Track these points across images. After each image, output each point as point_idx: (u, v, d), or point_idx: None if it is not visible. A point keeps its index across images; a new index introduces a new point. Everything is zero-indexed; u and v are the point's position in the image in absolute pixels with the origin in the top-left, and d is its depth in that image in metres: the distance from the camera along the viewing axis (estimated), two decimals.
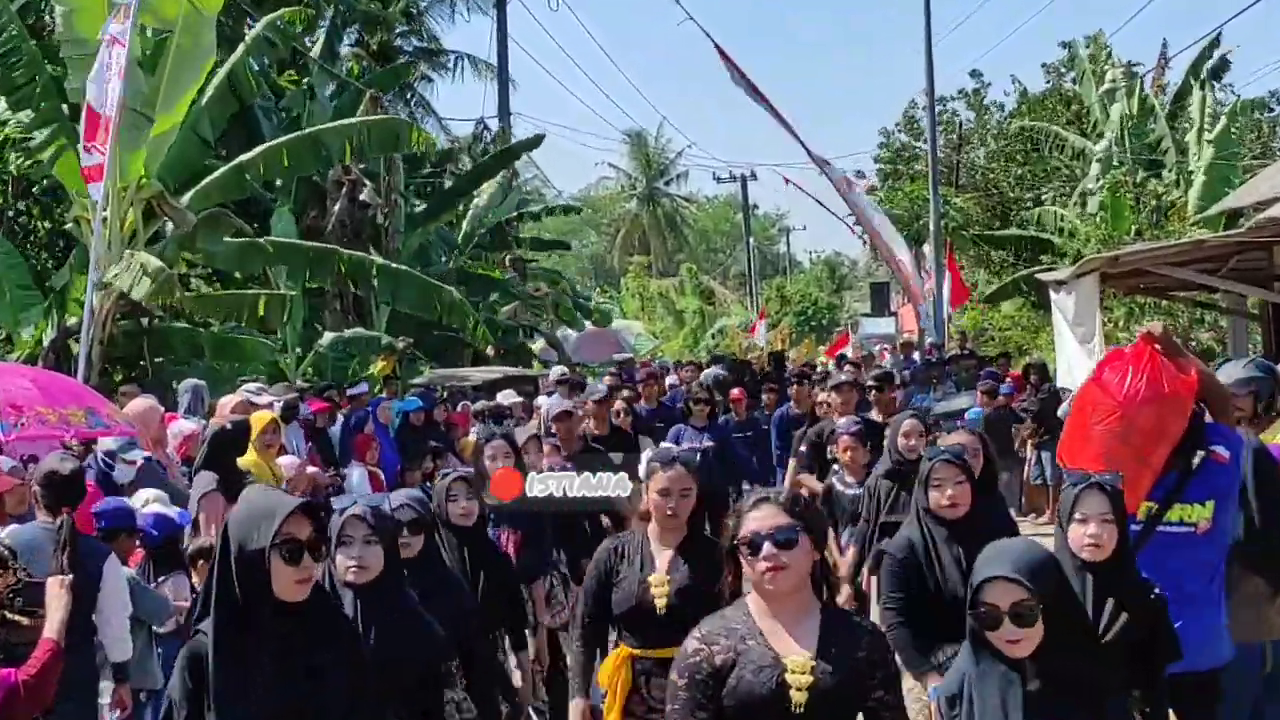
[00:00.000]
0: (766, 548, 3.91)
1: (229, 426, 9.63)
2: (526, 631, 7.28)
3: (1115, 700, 4.22)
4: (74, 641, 5.58)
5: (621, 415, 12.34)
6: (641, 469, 6.20)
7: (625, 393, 14.54)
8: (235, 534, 4.04)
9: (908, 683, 6.21)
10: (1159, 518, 6.14)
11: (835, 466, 10.03)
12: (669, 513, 5.68)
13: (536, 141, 29.58)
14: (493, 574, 6.87)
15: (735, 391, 15.52)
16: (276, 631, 4.00)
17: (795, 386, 14.61)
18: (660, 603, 5.56)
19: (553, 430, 11.68)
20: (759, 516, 3.98)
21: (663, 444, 6.42)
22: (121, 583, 6.74)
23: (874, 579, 8.68)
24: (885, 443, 8.89)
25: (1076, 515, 5.34)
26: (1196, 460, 6.35)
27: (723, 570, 4.12)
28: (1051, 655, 3.99)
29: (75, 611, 5.50)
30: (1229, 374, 7.80)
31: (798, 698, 3.83)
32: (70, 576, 5.39)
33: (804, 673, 3.86)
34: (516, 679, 7.07)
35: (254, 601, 3.99)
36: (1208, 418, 6.54)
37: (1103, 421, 6.38)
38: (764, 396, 15.63)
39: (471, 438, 15.54)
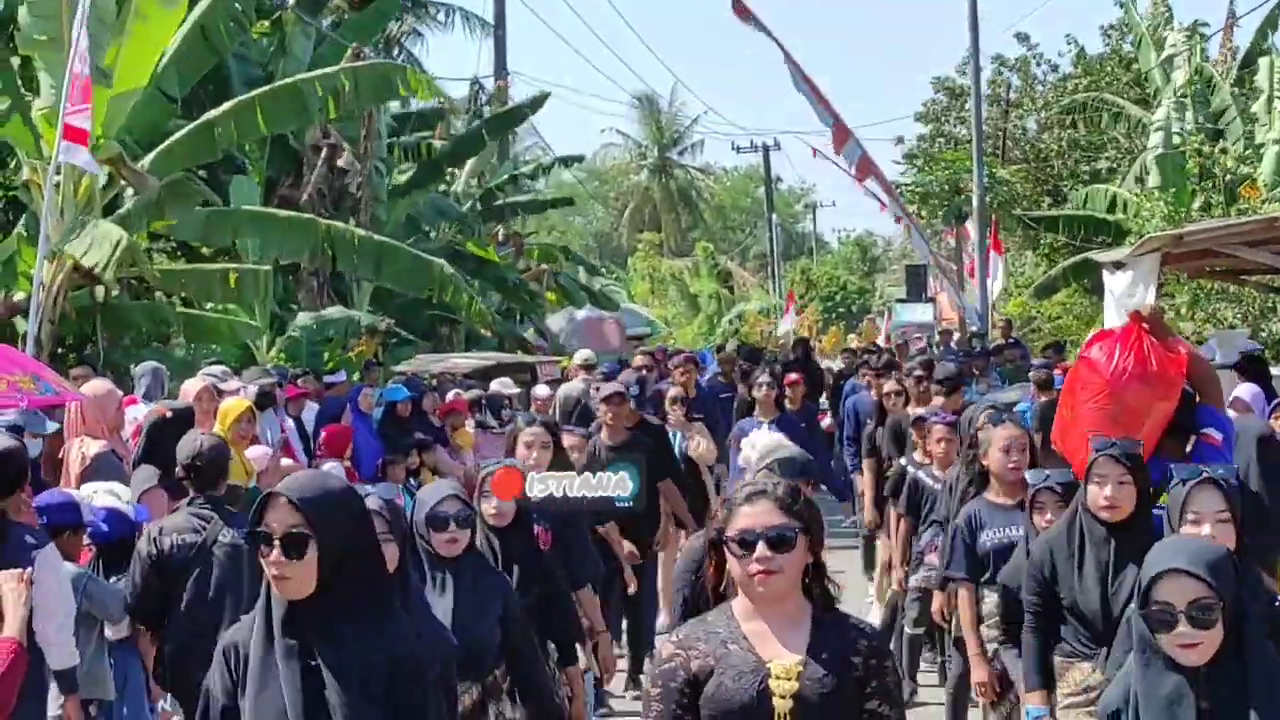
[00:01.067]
0: (760, 548, 3.86)
1: (169, 414, 9.55)
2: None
3: None
4: None
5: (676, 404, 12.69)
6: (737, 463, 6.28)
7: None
8: None
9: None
10: (1153, 502, 6.25)
11: (915, 458, 10.23)
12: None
13: (540, 101, 29.42)
14: (535, 579, 6.82)
15: (791, 375, 15.44)
16: (284, 628, 3.96)
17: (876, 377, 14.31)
18: None
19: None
20: (753, 512, 3.91)
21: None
22: (61, 580, 6.63)
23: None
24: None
25: (1189, 515, 5.24)
26: (1190, 445, 6.84)
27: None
28: (1230, 667, 3.85)
29: None
30: None
31: (781, 706, 3.79)
32: (31, 569, 5.34)
33: (789, 679, 3.81)
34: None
35: (266, 593, 3.99)
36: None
37: (1092, 399, 6.96)
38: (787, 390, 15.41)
39: (469, 428, 15.49)
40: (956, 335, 27.38)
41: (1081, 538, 6.17)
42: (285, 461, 11.95)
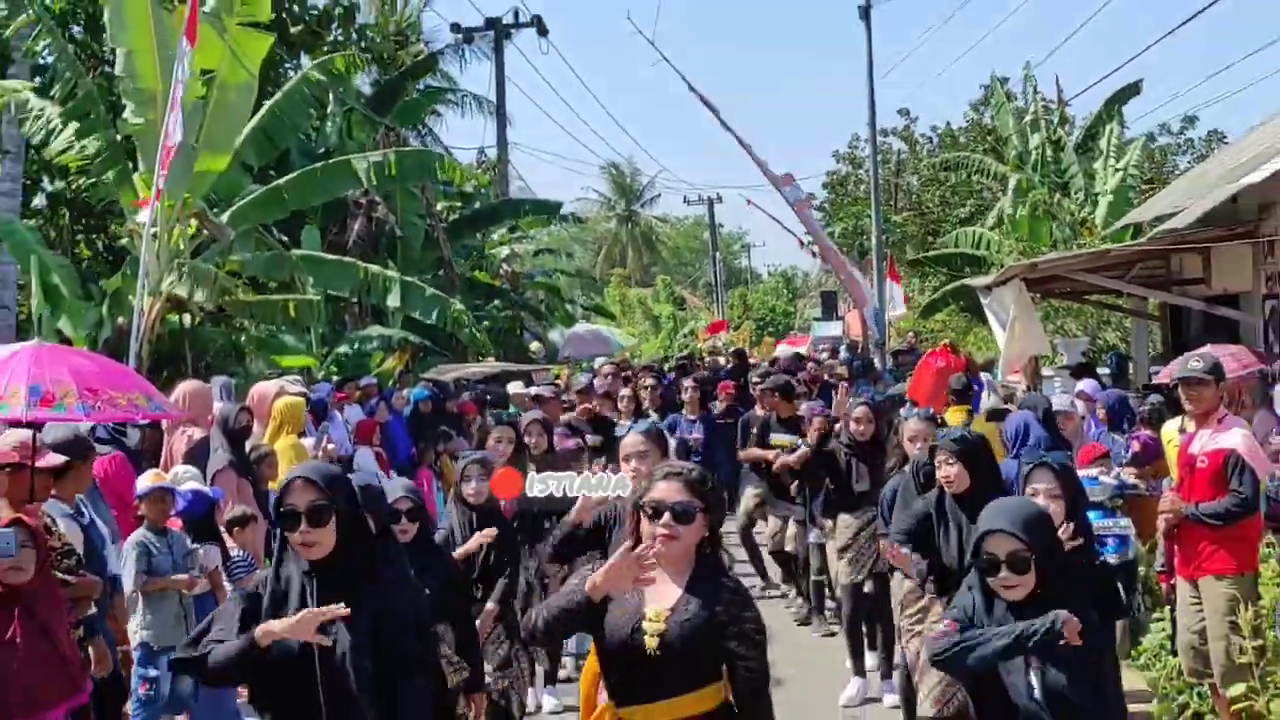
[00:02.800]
0: (666, 517, 3.87)
1: (233, 417, 9.53)
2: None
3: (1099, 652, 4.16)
4: None
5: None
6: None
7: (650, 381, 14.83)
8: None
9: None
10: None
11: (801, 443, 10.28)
12: (632, 476, 5.61)
13: (555, 207, 29.89)
14: (500, 539, 6.87)
15: (725, 384, 15.53)
16: (300, 584, 3.96)
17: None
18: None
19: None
20: (667, 488, 3.93)
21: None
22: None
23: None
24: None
25: (1029, 490, 5.29)
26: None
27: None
28: (1047, 602, 3.96)
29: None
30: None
31: (650, 643, 3.80)
32: None
33: (658, 622, 3.82)
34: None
35: (287, 556, 4.00)
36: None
37: (925, 378, 12.50)
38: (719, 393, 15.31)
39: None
40: (859, 346, 27.43)
41: (944, 505, 6.22)
42: (329, 446, 11.89)
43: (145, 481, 7.62)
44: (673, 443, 10.09)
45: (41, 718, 4.78)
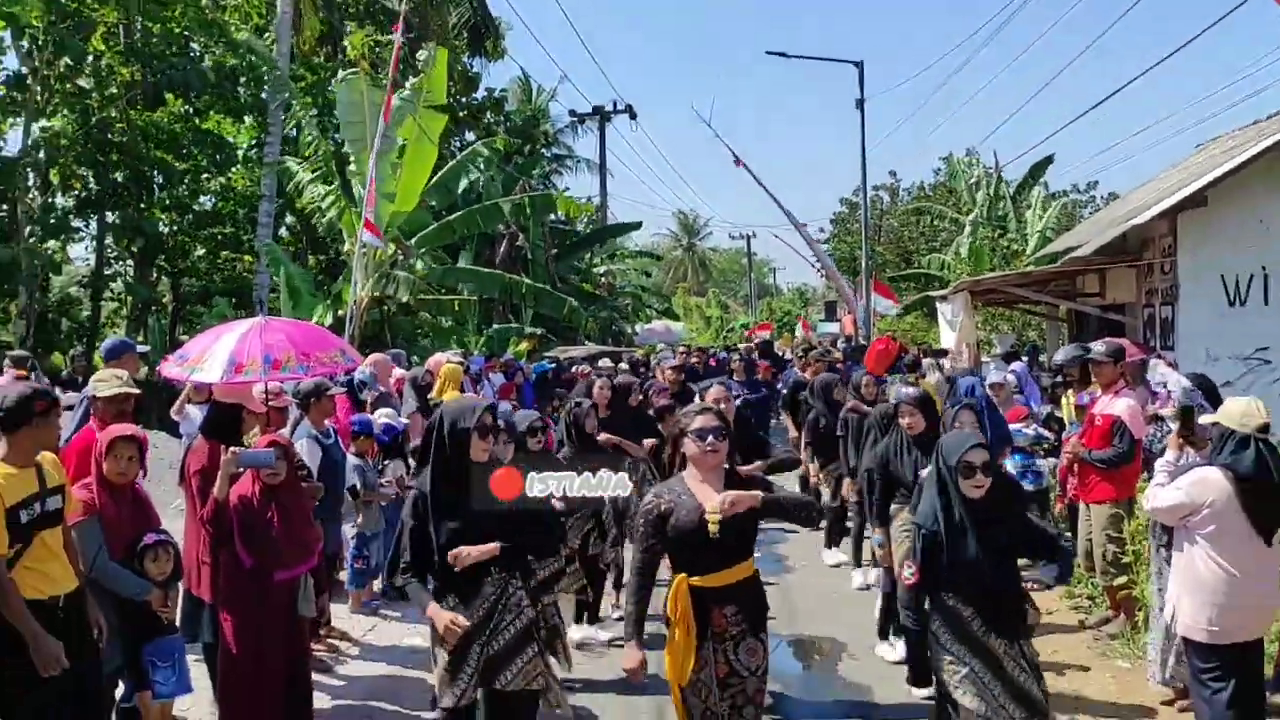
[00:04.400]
0: (710, 439, 3.92)
1: (420, 376, 9.63)
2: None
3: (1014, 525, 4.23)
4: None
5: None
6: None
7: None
8: (449, 418, 4.11)
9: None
10: None
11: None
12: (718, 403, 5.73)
13: (636, 225, 29.75)
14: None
15: (764, 363, 15.64)
16: (469, 480, 4.07)
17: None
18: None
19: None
20: (705, 418, 3.97)
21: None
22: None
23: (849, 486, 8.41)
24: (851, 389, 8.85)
25: (956, 424, 5.27)
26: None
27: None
28: (992, 496, 4.09)
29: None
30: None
31: (713, 528, 3.80)
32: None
33: (716, 512, 3.82)
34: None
35: (457, 458, 4.08)
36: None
37: (873, 355, 11.41)
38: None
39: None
40: (853, 340, 27.13)
41: (903, 441, 6.13)
42: (470, 395, 11.95)
43: (375, 426, 7.81)
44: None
45: (289, 574, 4.93)
